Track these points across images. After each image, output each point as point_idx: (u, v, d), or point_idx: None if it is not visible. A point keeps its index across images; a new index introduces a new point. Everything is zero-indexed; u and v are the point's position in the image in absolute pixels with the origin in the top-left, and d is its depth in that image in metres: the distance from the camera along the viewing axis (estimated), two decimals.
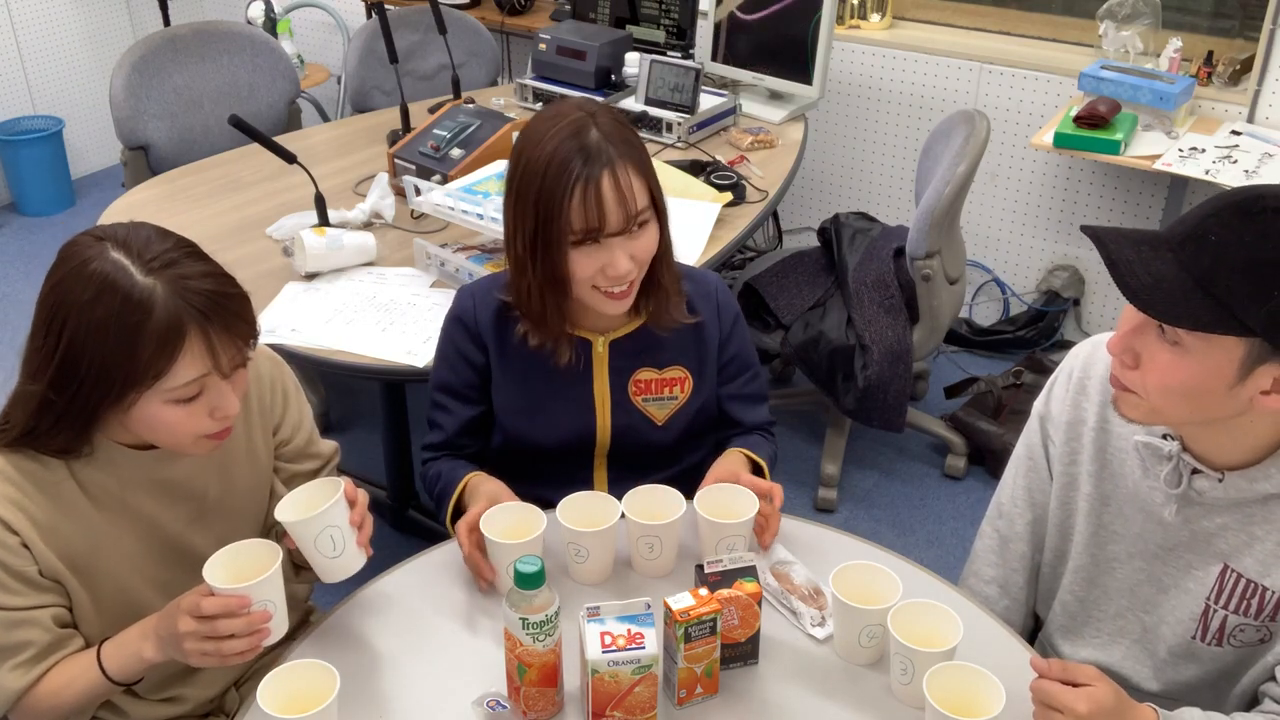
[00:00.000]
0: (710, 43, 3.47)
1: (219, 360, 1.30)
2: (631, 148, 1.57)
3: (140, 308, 1.25)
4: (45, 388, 1.29)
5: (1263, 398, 1.22)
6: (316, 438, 1.65)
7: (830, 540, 1.66)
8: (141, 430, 1.35)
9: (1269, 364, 1.21)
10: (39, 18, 4.60)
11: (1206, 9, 3.38)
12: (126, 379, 1.26)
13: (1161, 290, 1.21)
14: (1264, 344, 1.19)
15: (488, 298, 1.71)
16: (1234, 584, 1.34)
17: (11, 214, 4.60)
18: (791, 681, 1.42)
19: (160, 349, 1.25)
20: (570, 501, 1.55)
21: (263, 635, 1.33)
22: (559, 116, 1.56)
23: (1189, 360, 1.23)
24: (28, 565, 1.35)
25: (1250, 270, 1.18)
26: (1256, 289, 1.18)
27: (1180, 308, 1.20)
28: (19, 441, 1.35)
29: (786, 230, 4.08)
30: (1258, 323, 1.18)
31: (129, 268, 1.26)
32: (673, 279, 1.68)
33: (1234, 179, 2.85)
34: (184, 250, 1.31)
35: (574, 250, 1.55)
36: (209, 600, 1.29)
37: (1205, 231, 1.22)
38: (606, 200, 1.52)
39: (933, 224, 2.69)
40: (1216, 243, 1.20)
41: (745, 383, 1.83)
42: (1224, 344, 1.21)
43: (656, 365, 1.74)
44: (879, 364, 2.80)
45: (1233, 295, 1.19)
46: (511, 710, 1.34)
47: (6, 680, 1.35)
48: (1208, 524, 1.35)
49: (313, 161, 2.58)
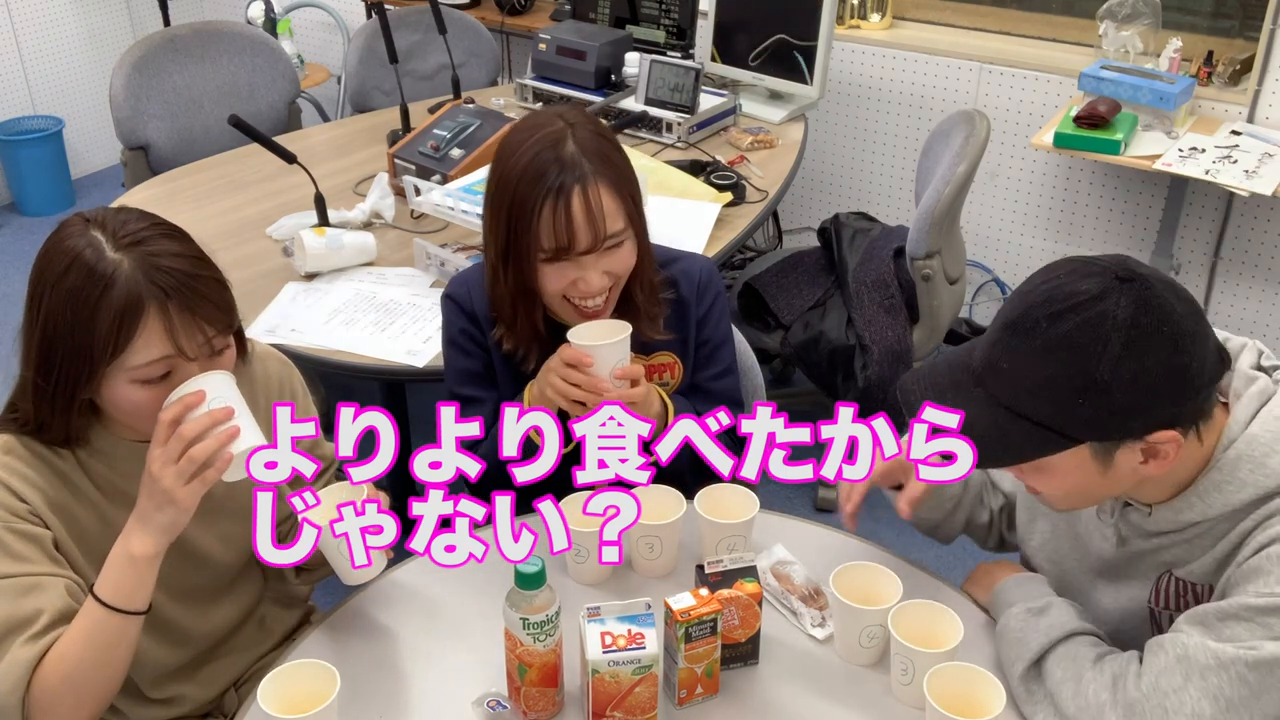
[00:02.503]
0: (710, 43, 3.47)
1: (180, 341, 1.27)
2: (608, 164, 1.53)
3: (101, 281, 1.24)
4: (34, 373, 1.30)
5: (1143, 467, 1.23)
6: (322, 439, 1.65)
7: (830, 540, 1.66)
8: (115, 414, 1.34)
9: (1124, 447, 1.21)
10: (39, 18, 4.60)
11: (1206, 9, 3.38)
12: (91, 354, 1.25)
13: (977, 440, 1.22)
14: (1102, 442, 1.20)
15: (480, 283, 1.69)
16: (1170, 586, 1.34)
17: (11, 214, 4.60)
18: (791, 681, 1.42)
19: (118, 323, 1.24)
20: (571, 501, 1.55)
21: (231, 434, 1.27)
22: (537, 127, 1.54)
23: (1051, 471, 1.25)
24: (41, 530, 1.33)
25: (1047, 389, 1.19)
26: (1060, 406, 1.18)
27: (997, 447, 1.22)
28: (27, 431, 1.35)
29: (786, 230, 4.08)
30: (1078, 433, 1.19)
31: (101, 243, 1.26)
32: (648, 297, 1.65)
33: (1234, 179, 2.86)
34: (161, 230, 1.31)
35: (544, 265, 1.54)
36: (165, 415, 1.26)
37: (996, 360, 1.23)
38: (576, 219, 1.50)
39: (933, 224, 2.69)
40: (1009, 370, 1.21)
41: (714, 377, 1.76)
42: (1068, 453, 1.21)
43: (644, 351, 1.71)
44: (879, 364, 2.80)
45: (1042, 417, 1.19)
46: (512, 710, 1.34)
47: (20, 654, 1.27)
48: (1145, 545, 1.35)
49: (313, 161, 2.58)
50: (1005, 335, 1.22)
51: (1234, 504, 1.25)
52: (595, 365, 1.51)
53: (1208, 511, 1.27)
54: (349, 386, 3.44)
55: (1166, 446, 1.20)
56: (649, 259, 1.64)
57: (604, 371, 1.52)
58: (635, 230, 1.58)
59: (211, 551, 1.50)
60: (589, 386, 1.51)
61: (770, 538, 1.60)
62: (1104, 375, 1.16)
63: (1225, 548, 1.27)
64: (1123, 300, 1.16)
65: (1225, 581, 1.26)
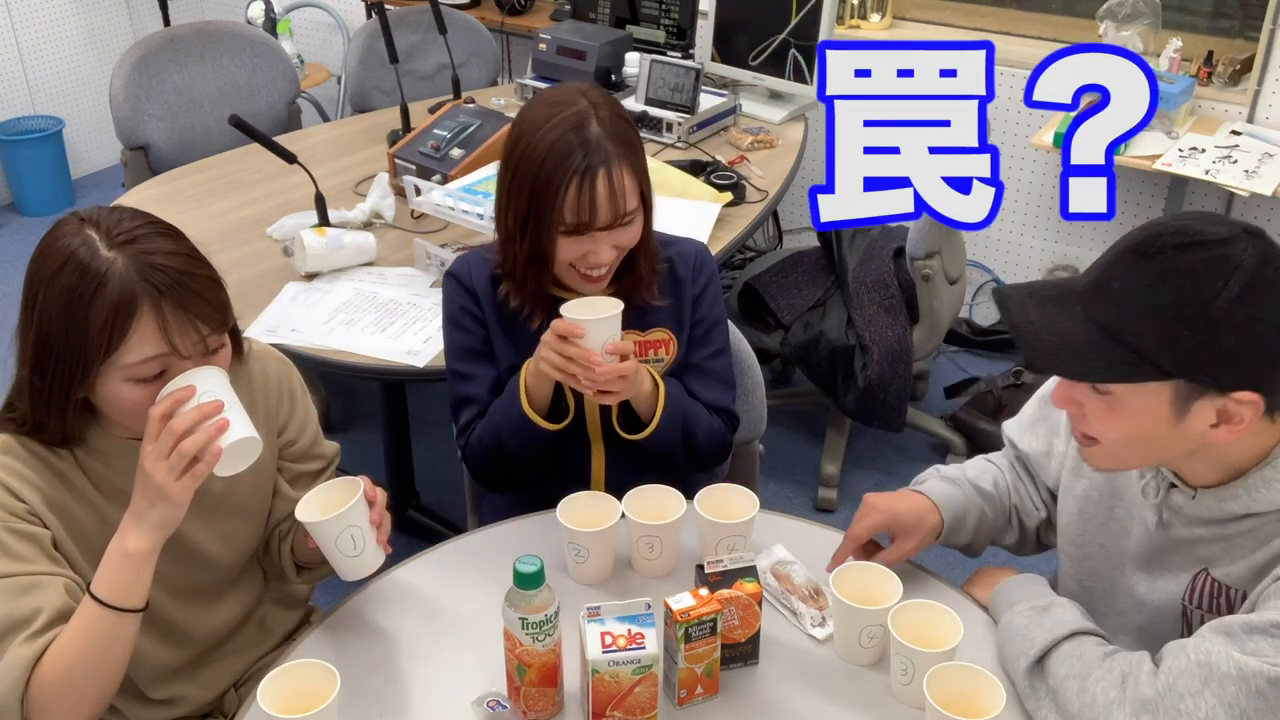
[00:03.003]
0: (710, 43, 3.47)
1: (173, 339, 1.27)
2: (628, 147, 1.60)
3: (95, 279, 1.24)
4: (30, 372, 1.30)
5: (1212, 431, 1.22)
6: (321, 439, 1.65)
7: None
8: (110, 412, 1.34)
9: (1204, 399, 1.21)
10: (39, 18, 4.60)
11: (1206, 9, 3.38)
12: (85, 352, 1.26)
13: (1069, 349, 1.22)
14: (1188, 384, 1.20)
15: (481, 264, 1.74)
16: (1206, 586, 1.34)
17: (11, 214, 4.60)
18: (791, 681, 1.42)
19: (111, 321, 1.24)
20: (570, 501, 1.56)
21: (221, 427, 1.27)
22: (561, 103, 1.59)
23: (1122, 409, 1.24)
24: (39, 530, 1.33)
25: (1154, 315, 1.19)
26: (1163, 333, 1.18)
27: (1088, 363, 1.21)
28: (24, 431, 1.35)
29: (786, 230, 4.08)
30: (1172, 365, 1.19)
31: (95, 241, 1.27)
32: (648, 264, 1.72)
33: (1234, 179, 2.86)
34: (156, 229, 1.31)
35: (562, 237, 1.60)
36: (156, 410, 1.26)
37: (1108, 280, 1.23)
38: (599, 198, 1.57)
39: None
40: (1119, 290, 1.21)
41: (707, 356, 1.80)
42: (1149, 389, 1.21)
43: (640, 327, 1.75)
44: (879, 364, 2.80)
45: (1142, 341, 1.19)
46: (511, 710, 1.34)
47: (19, 653, 1.26)
48: (1185, 534, 1.35)
49: (313, 161, 2.58)
50: (1127, 256, 1.22)
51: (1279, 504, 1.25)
52: (587, 339, 1.55)
53: (1252, 506, 1.26)
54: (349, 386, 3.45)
55: (1244, 409, 1.20)
56: (651, 232, 1.71)
57: (595, 345, 1.55)
58: (644, 205, 1.65)
59: (211, 550, 1.50)
60: (580, 358, 1.54)
61: (770, 538, 1.60)
62: (1216, 312, 1.16)
63: (1265, 556, 1.27)
64: (1249, 249, 1.18)
65: (1259, 593, 1.26)
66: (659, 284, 1.75)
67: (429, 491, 2.91)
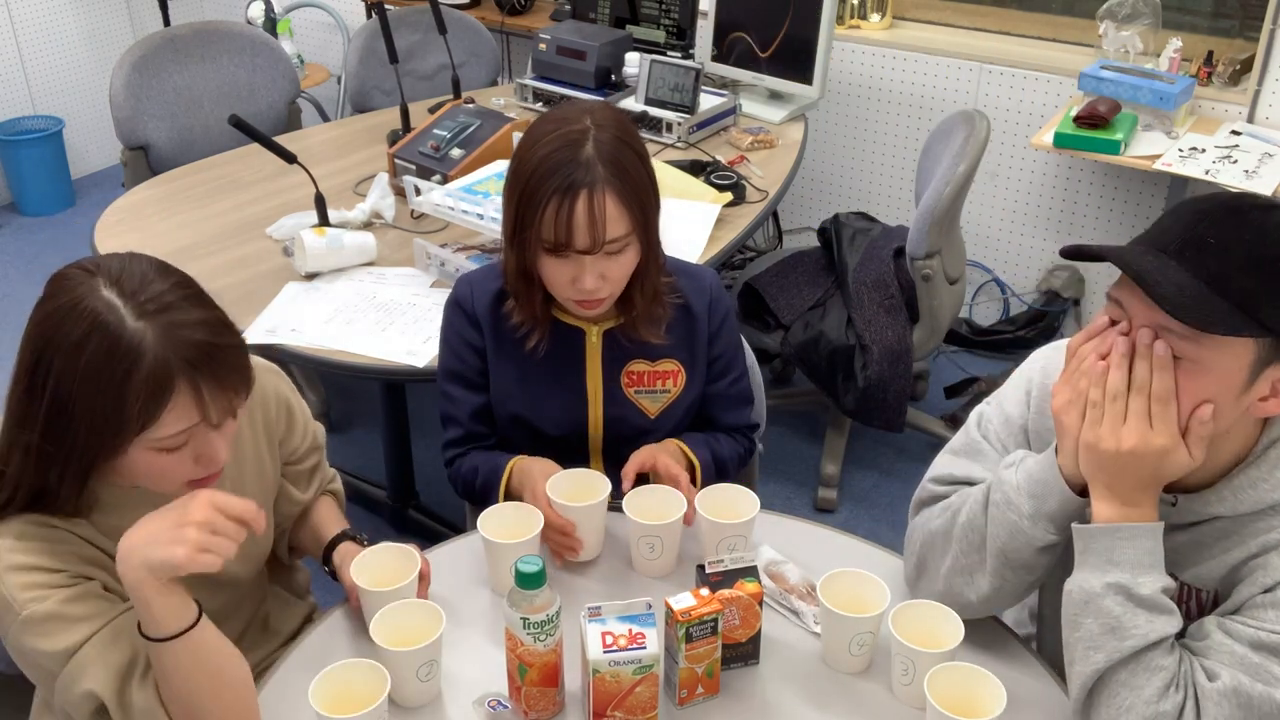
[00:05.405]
0: (710, 43, 3.47)
1: (208, 412, 1.24)
2: (622, 171, 1.56)
3: (129, 355, 1.18)
4: (40, 438, 1.23)
5: (1260, 404, 1.22)
6: (324, 463, 1.67)
7: (829, 540, 1.66)
8: (129, 477, 1.30)
9: (1272, 366, 1.21)
10: (39, 18, 4.60)
11: (1206, 9, 3.38)
12: (119, 427, 1.21)
13: (1187, 297, 1.19)
14: (1272, 345, 1.19)
15: (484, 285, 1.74)
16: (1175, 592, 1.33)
17: (11, 214, 4.60)
18: (792, 681, 1.42)
19: (148, 400, 1.19)
20: (559, 479, 1.58)
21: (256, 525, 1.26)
22: (565, 120, 1.58)
23: (1202, 374, 1.21)
24: (88, 584, 1.29)
25: (1258, 267, 1.18)
26: (1268, 286, 1.18)
27: (1207, 313, 1.18)
28: (31, 508, 1.29)
29: (786, 230, 4.08)
30: (1271, 320, 1.18)
31: (120, 309, 1.20)
32: (648, 299, 1.68)
33: (1234, 179, 2.86)
34: (181, 293, 1.25)
35: (546, 255, 1.59)
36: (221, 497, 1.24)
37: (1202, 235, 1.21)
38: (577, 220, 1.54)
39: (933, 224, 2.69)
40: (1217, 245, 1.20)
41: (729, 384, 1.82)
42: (1235, 350, 1.20)
43: (649, 357, 1.74)
44: (879, 364, 2.80)
45: (1245, 295, 1.18)
46: (512, 710, 1.34)
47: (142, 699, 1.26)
48: None
49: (313, 161, 2.58)
50: (1220, 213, 1.21)
51: (1268, 501, 1.24)
52: (578, 527, 1.56)
53: (1238, 507, 1.26)
54: (349, 386, 3.45)
55: None
56: (655, 266, 1.67)
57: (583, 527, 1.56)
58: (641, 238, 1.61)
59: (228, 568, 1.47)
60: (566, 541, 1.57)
61: (757, 539, 1.60)
62: None
63: (1241, 554, 1.26)
64: None
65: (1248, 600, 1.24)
66: None
67: (429, 491, 2.91)
